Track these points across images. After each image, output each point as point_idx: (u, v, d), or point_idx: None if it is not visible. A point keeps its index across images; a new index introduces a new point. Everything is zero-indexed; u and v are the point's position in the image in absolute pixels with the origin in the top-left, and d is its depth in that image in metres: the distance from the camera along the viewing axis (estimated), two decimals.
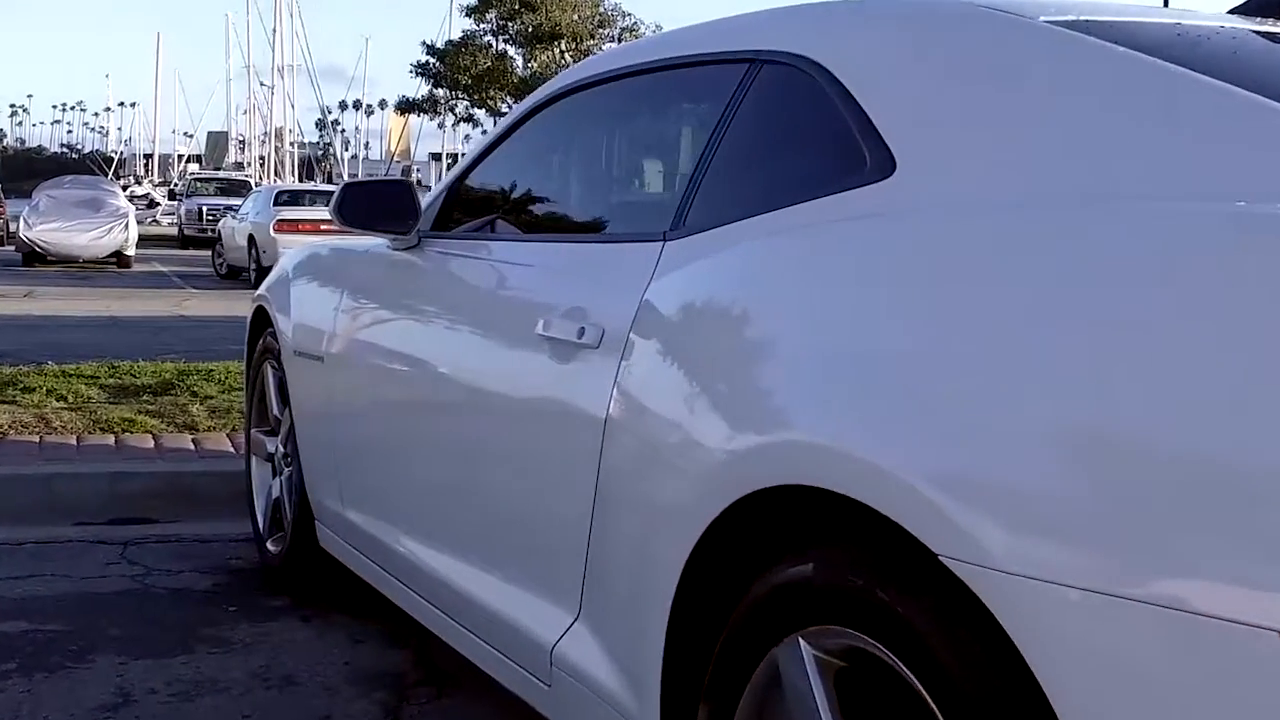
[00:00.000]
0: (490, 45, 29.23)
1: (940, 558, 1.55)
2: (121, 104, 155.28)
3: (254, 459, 4.86)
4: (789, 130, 2.43)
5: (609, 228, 3.08)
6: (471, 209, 3.57)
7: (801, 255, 2.10)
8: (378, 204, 3.49)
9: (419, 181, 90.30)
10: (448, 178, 3.64)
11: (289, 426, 4.37)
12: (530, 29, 28.21)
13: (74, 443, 6.14)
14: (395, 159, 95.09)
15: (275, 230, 20.77)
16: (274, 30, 77.01)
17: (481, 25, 29.35)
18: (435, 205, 3.57)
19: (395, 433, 3.44)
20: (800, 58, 2.41)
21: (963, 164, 2.02)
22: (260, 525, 4.74)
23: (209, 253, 26.76)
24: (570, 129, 3.35)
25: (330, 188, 31.22)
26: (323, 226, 20.92)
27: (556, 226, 3.28)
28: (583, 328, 2.51)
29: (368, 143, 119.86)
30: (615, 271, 2.58)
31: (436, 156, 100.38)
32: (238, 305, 17.42)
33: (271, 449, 4.66)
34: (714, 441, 2.02)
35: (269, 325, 4.57)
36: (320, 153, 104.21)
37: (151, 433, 6.38)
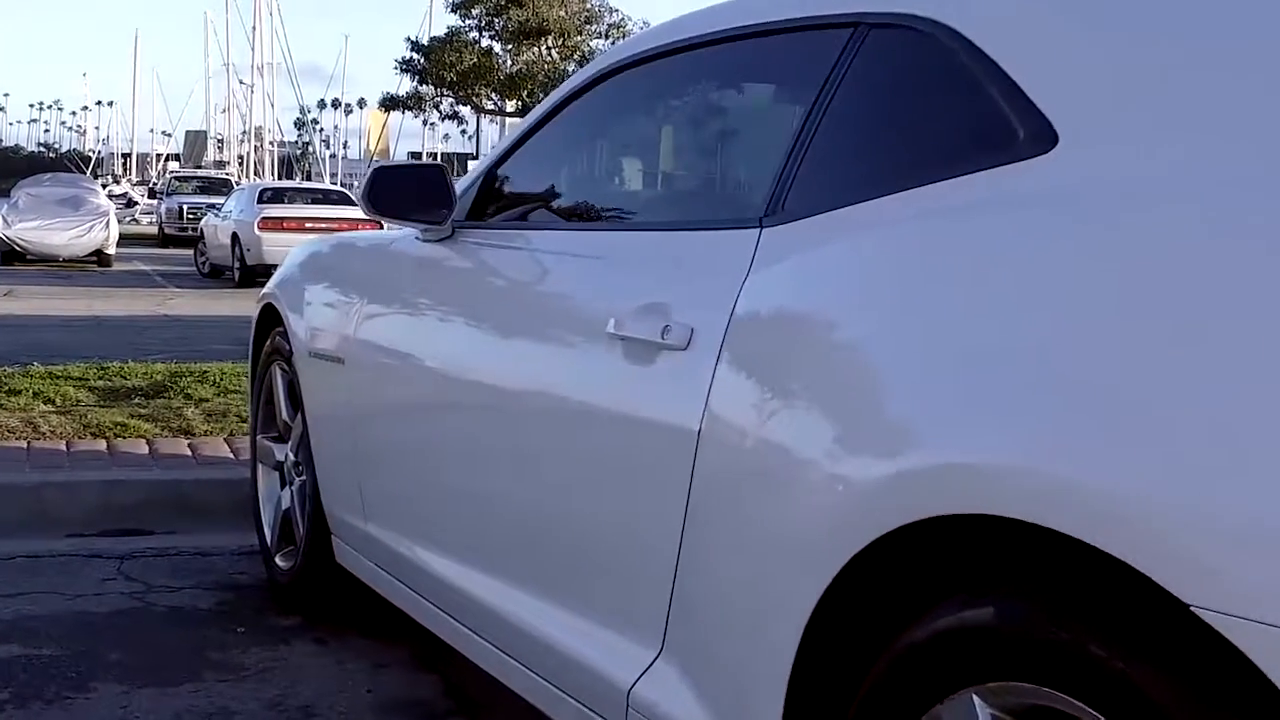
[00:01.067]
0: (476, 41, 28.88)
1: (1194, 609, 1.25)
2: (99, 103, 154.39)
3: (260, 467, 4.54)
4: (911, 102, 2.13)
5: (687, 214, 2.77)
6: (510, 197, 3.27)
7: (957, 241, 1.79)
8: (411, 190, 3.18)
9: None
10: (482, 163, 3.33)
11: (301, 433, 4.06)
12: (517, 25, 27.87)
13: (63, 449, 5.81)
14: (374, 158, 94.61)
15: (260, 228, 20.42)
16: (253, 28, 76.62)
17: (467, 21, 29.01)
18: (469, 193, 3.27)
19: (432, 443, 3.12)
20: (917, 19, 2.11)
21: (1141, 134, 1.71)
22: (268, 538, 4.42)
23: (190, 251, 26.37)
24: (630, 107, 3.05)
25: (316, 185, 30.93)
26: (307, 224, 20.65)
27: (620, 215, 2.98)
28: (667, 326, 2.20)
29: (346, 142, 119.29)
30: (702, 263, 2.28)
31: (416, 155, 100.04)
32: (222, 304, 17.13)
33: (280, 457, 4.35)
34: (854, 463, 1.72)
35: (278, 325, 4.25)
36: (299, 152, 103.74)
37: (145, 438, 6.05)
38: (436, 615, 3.12)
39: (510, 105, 30.82)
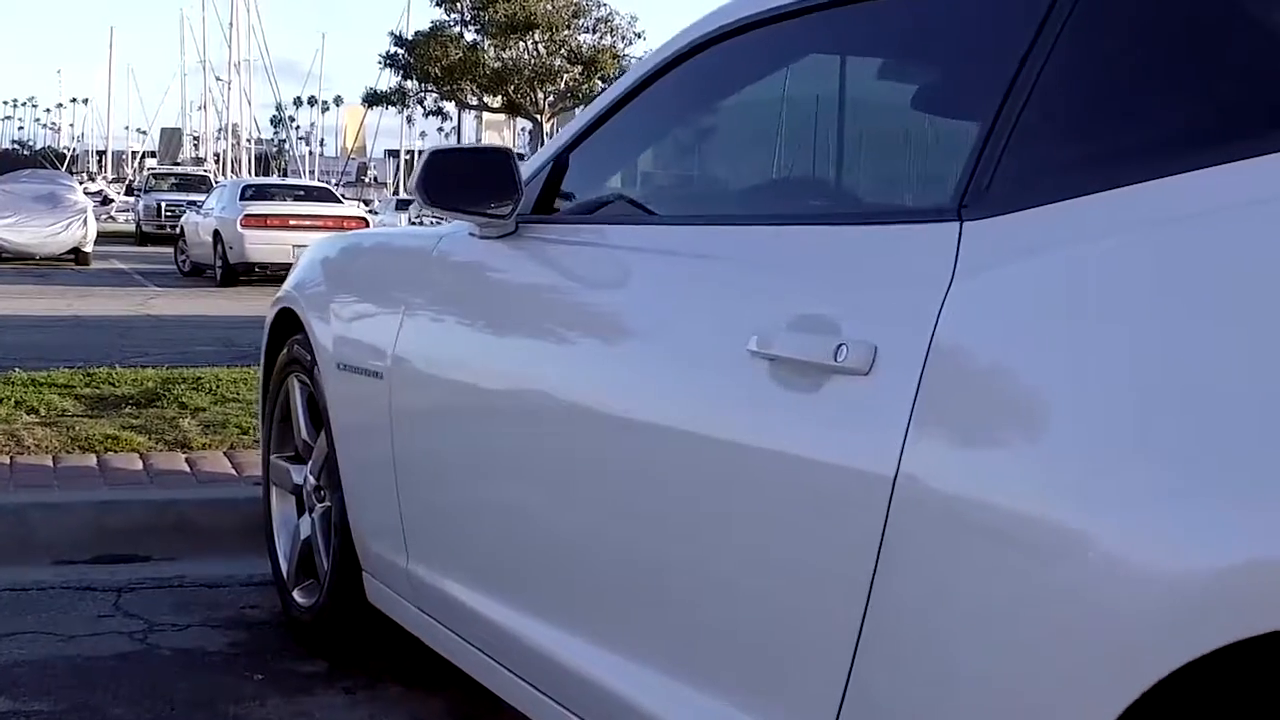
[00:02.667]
0: (461, 36, 28.35)
1: None
2: (74, 100, 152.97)
3: (274, 490, 4.08)
4: (1174, 50, 1.66)
5: (848, 203, 2.31)
6: (586, 187, 2.81)
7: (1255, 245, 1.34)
8: (469, 178, 2.72)
9: (374, 179, 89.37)
10: (547, 149, 2.87)
11: (325, 454, 3.60)
12: (503, 18, 27.34)
13: (50, 464, 5.33)
14: (351, 155, 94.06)
15: (243, 225, 19.87)
16: (231, 24, 75.94)
17: (452, 15, 28.48)
18: (534, 184, 2.81)
19: (500, 477, 2.67)
20: None
21: None
22: (284, 570, 3.96)
23: (169, 249, 25.81)
24: (759, 73, 2.58)
25: (300, 182, 30.38)
26: (291, 221, 20.17)
27: (753, 205, 2.50)
28: (841, 345, 1.74)
29: (323, 139, 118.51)
30: (881, 265, 1.82)
31: (393, 153, 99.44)
32: (205, 304, 16.62)
33: (298, 480, 3.88)
34: (1153, 544, 1.27)
35: (296, 332, 3.79)
36: (275, 149, 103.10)
37: (138, 452, 5.57)
38: (500, 674, 2.67)
39: (496, 101, 30.34)
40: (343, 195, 25.76)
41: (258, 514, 4.76)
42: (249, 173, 70.31)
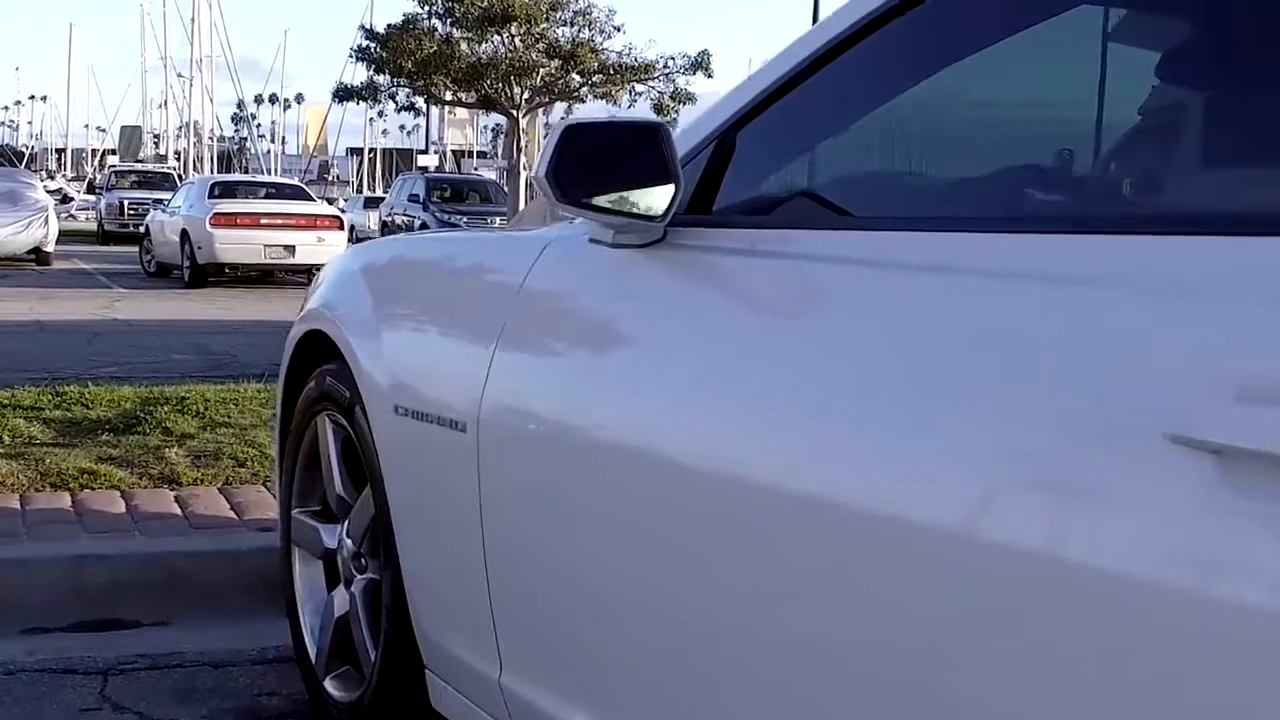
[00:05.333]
0: (435, 29, 27.45)
1: None
2: (32, 97, 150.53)
3: (297, 553, 3.32)
4: None
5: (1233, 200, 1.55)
6: (762, 176, 2.08)
7: None
8: (609, 165, 1.98)
9: (337, 177, 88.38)
10: (707, 124, 2.12)
11: (371, 517, 2.85)
12: (480, 11, 26.46)
13: (16, 507, 4.54)
14: (313, 153, 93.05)
15: (212, 224, 18.99)
16: (193, 21, 74.78)
17: (425, 7, 27.57)
18: (689, 172, 2.07)
19: (673, 580, 1.91)
20: None
21: None
22: (311, 652, 3.20)
23: (133, 248, 24.90)
24: (1040, 15, 1.83)
25: (270, 179, 29.48)
26: (263, 220, 19.35)
27: (1119, 205, 1.75)
28: None
29: (284, 137, 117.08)
30: None
31: (355, 151, 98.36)
32: (174, 306, 15.79)
33: (330, 543, 3.13)
34: None
35: (329, 359, 3.04)
36: (237, 146, 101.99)
37: (119, 489, 4.79)
38: None
39: (471, 96, 29.44)
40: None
41: (263, 567, 4.05)
42: (211, 171, 69.18)
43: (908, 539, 1.49)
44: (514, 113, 28.54)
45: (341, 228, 20.24)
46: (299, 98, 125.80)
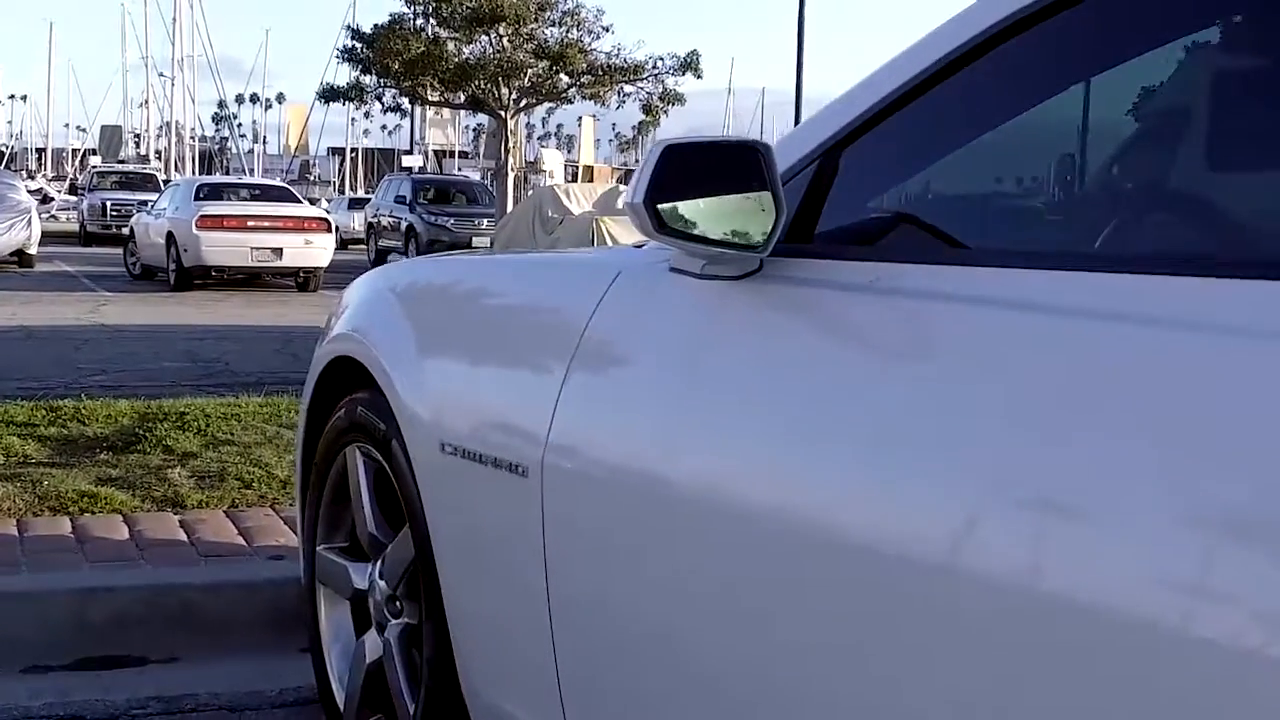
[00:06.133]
0: (423, 29, 27.16)
1: None
2: (12, 97, 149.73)
3: (322, 592, 3.11)
4: None
5: None
6: (868, 205, 1.88)
7: None
8: (706, 187, 1.77)
9: (318, 177, 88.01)
10: (804, 139, 1.92)
11: (410, 559, 2.64)
12: (468, 11, 26.18)
13: (14, 533, 4.32)
14: (295, 153, 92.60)
15: (199, 227, 18.73)
16: (174, 20, 74.30)
17: (413, 7, 27.26)
18: (790, 198, 1.86)
19: (777, 648, 1.70)
20: None
21: None
22: (339, 699, 2.99)
23: (116, 250, 24.62)
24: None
25: (257, 181, 29.20)
26: (250, 222, 19.09)
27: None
28: None
29: (265, 137, 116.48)
30: None
31: (337, 150, 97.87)
32: (161, 311, 15.54)
33: (360, 584, 2.92)
34: None
35: (361, 388, 2.82)
36: (218, 146, 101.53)
37: (121, 513, 4.57)
38: None
39: (459, 97, 29.14)
40: None
41: (278, 599, 3.85)
42: (193, 171, 68.75)
43: (1051, 613, 1.31)
44: (502, 113, 28.29)
45: (329, 230, 19.99)
46: (280, 97, 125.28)
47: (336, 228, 23.08)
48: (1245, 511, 1.18)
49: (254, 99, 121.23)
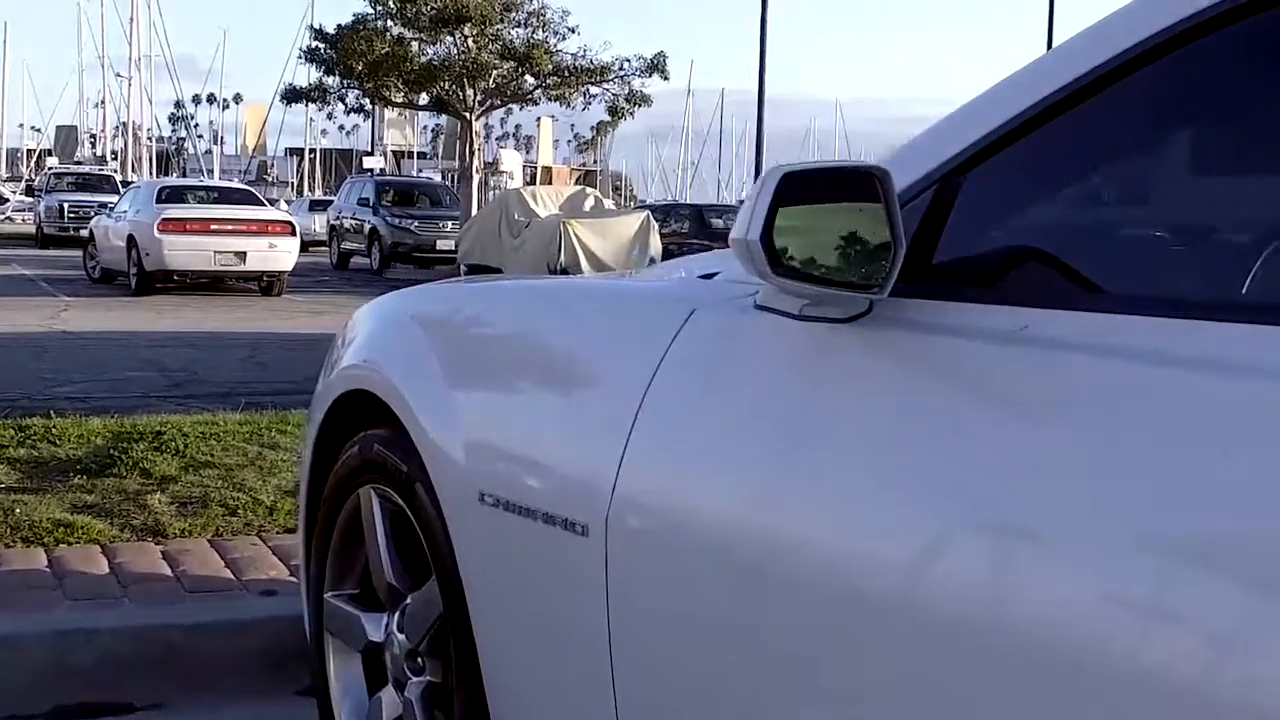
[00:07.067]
0: (387, 29, 26.78)
1: None
2: None
3: (331, 642, 2.86)
4: None
5: None
6: (996, 238, 1.66)
7: None
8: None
9: (276, 178, 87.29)
10: (914, 165, 1.69)
11: (438, 615, 2.40)
12: (434, 11, 25.81)
13: None
14: (253, 154, 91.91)
15: (160, 230, 18.33)
16: (131, 20, 73.58)
17: (377, 7, 26.87)
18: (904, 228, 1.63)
19: None
20: None
21: None
22: None
23: (74, 253, 24.19)
24: None
25: (220, 183, 28.79)
26: (213, 226, 18.74)
27: None
28: None
29: (222, 137, 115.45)
30: None
31: (295, 151, 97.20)
32: (124, 317, 15.17)
33: (376, 635, 2.68)
34: None
35: (378, 424, 2.58)
36: (175, 147, 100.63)
37: (100, 543, 4.30)
38: None
39: (423, 98, 28.77)
40: None
41: (273, 640, 3.61)
42: (150, 172, 68.03)
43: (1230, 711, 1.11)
44: (467, 115, 27.96)
45: (294, 233, 19.63)
46: (238, 98, 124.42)
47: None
48: None
49: (211, 99, 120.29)
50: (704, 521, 1.76)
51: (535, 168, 61.22)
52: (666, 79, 28.00)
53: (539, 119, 56.12)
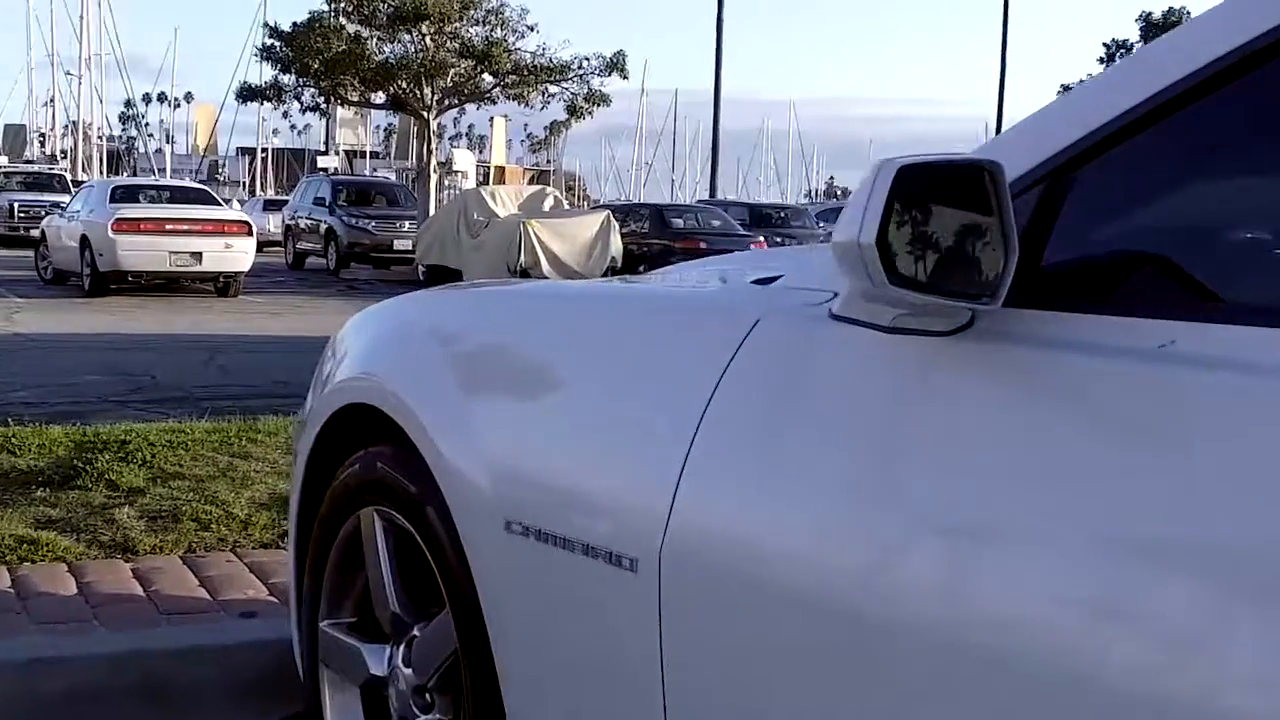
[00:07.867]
0: (343, 27, 26.42)
1: None
2: None
3: (326, 675, 2.66)
4: None
5: None
6: (1117, 243, 1.48)
7: None
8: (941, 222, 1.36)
9: (227, 178, 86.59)
10: (1019, 157, 1.50)
11: (452, 650, 2.21)
12: (391, 9, 25.49)
13: None
14: (204, 153, 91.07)
15: (114, 230, 17.96)
16: (81, 18, 72.75)
17: (332, 5, 26.50)
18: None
19: None
20: None
21: None
22: None
23: (24, 253, 23.76)
24: None
25: (175, 182, 28.36)
26: (168, 226, 18.41)
27: None
28: None
29: (173, 137, 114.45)
30: None
31: (247, 151, 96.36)
32: (78, 318, 14.88)
33: (379, 669, 2.48)
34: None
35: (384, 439, 2.38)
36: (125, 146, 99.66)
37: (67, 561, 4.07)
38: None
39: (379, 97, 28.44)
40: None
41: (253, 666, 3.41)
42: (100, 171, 67.24)
43: None
44: (425, 114, 27.66)
45: (250, 234, 19.31)
46: (189, 97, 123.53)
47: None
48: None
49: (162, 98, 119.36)
50: (776, 555, 1.57)
51: (489, 167, 60.81)
52: (626, 78, 27.80)
53: (492, 118, 55.72)
